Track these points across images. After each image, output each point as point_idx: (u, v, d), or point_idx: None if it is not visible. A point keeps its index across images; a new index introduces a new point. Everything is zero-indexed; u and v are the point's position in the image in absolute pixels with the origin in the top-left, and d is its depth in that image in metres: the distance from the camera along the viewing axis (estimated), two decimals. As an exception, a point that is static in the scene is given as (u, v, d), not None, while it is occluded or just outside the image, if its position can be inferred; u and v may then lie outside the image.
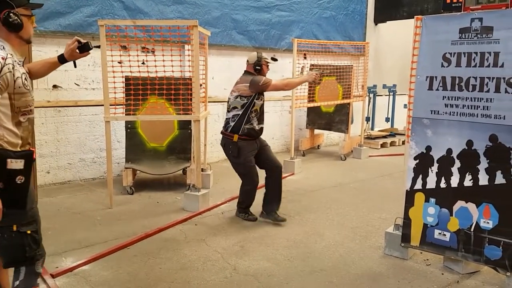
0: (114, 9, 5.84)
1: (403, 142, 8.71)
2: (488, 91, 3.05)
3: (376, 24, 9.64)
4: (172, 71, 5.18)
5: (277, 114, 8.03)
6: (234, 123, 4.18)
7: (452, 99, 3.24)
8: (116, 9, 5.86)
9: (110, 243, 3.79)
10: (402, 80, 9.52)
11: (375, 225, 4.35)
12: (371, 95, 9.12)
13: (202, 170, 5.38)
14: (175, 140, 5.70)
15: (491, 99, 3.03)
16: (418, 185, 3.45)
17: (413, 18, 3.47)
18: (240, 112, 4.16)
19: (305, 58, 7.78)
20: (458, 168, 3.24)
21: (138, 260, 3.52)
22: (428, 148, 3.39)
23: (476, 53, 3.09)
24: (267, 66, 4.34)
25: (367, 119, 9.01)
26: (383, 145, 8.68)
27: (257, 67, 4.25)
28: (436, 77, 3.31)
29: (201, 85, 5.02)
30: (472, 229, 3.20)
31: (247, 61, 4.33)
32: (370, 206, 5.00)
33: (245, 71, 4.34)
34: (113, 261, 3.50)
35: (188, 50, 4.96)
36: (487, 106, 3.05)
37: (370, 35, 9.40)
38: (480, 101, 3.08)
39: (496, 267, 3.11)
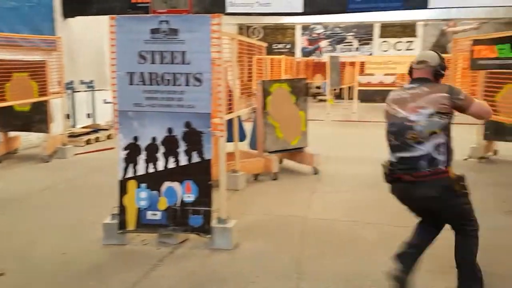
0: None
1: (108, 137, 8.87)
2: (180, 84, 3.55)
3: (65, 19, 9.31)
4: None
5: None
6: (442, 157, 2.63)
7: (151, 93, 3.61)
8: None
9: None
10: (99, 75, 9.64)
11: (92, 220, 4.34)
12: (69, 91, 8.82)
13: None
14: None
15: (183, 91, 3.55)
16: (130, 174, 3.70)
17: (103, 15, 3.65)
18: (443, 140, 2.64)
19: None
20: (163, 153, 3.66)
21: None
22: (136, 138, 3.67)
23: (167, 52, 3.54)
24: None
25: (68, 116, 8.68)
26: (88, 142, 8.56)
27: (441, 72, 2.80)
28: (135, 73, 3.60)
29: None
30: (178, 205, 3.68)
31: (422, 62, 2.81)
32: (84, 203, 4.94)
33: (416, 78, 2.82)
34: None
35: None
36: (181, 98, 3.56)
37: (61, 30, 9.00)
38: (175, 93, 3.56)
39: (200, 233, 3.69)
